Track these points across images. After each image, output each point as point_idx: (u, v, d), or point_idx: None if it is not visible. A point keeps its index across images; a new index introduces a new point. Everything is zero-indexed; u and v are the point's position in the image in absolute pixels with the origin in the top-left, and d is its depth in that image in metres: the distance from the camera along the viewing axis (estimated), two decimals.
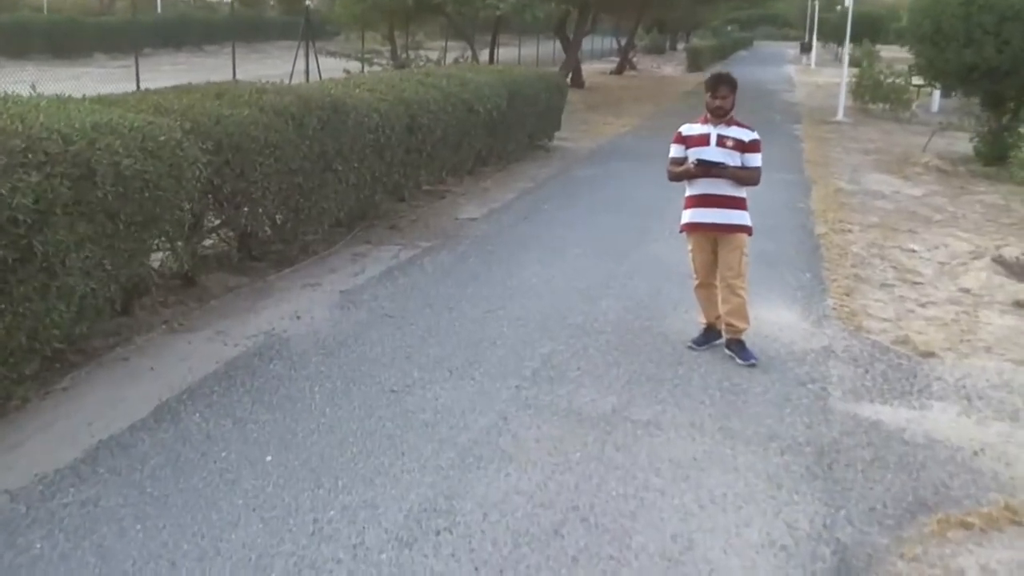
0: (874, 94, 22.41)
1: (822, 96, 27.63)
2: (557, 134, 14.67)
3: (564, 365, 5.16)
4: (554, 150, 14.09)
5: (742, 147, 5.33)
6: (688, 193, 5.51)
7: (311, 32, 18.57)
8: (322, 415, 4.40)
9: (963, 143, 14.88)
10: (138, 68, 13.83)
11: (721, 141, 5.32)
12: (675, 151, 5.50)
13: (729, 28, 78.93)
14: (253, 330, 5.60)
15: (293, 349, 5.30)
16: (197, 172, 5.45)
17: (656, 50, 48.14)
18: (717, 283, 5.46)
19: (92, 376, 4.83)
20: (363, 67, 20.78)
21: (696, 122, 5.47)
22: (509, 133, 11.68)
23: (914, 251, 8.35)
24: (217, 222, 6.59)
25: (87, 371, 4.88)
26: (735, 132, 5.34)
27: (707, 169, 5.30)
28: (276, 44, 39.51)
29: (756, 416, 4.56)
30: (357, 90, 8.12)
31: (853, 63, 46.42)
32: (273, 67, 26.58)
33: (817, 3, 45.37)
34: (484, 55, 23.10)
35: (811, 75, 38.81)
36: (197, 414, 4.38)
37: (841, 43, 52.88)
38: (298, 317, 5.87)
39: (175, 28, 37.00)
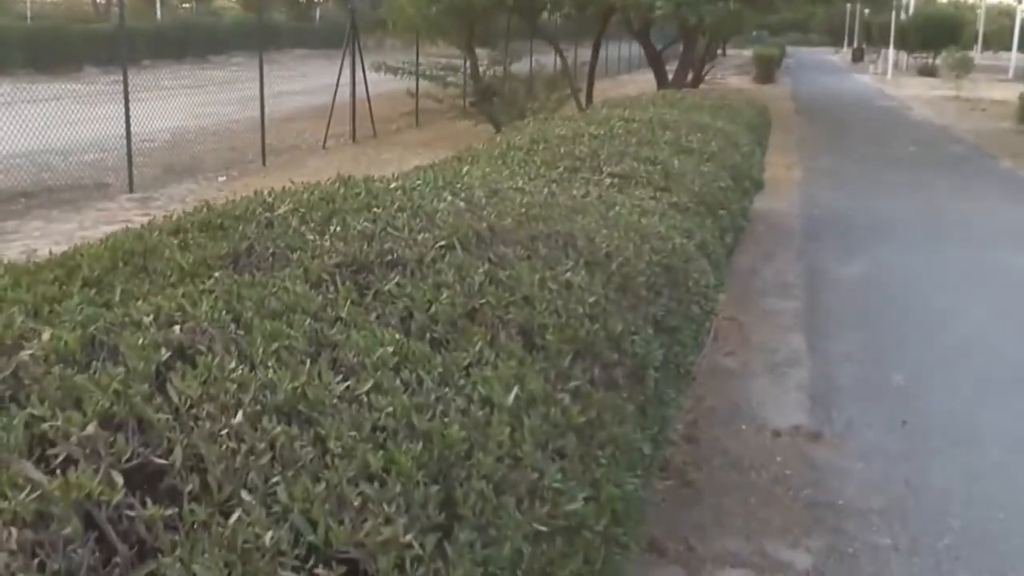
0: None
1: (957, 115, 22.88)
2: None
3: None
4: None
5: None
6: None
7: (357, 39, 14.08)
8: None
9: None
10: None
11: None
12: None
13: (755, 33, 73.74)
14: None
15: None
16: None
17: (709, 57, 43.49)
18: None
19: None
20: (417, 86, 16.17)
21: None
22: None
23: None
24: None
25: None
26: None
27: None
28: (289, 53, 35.04)
29: None
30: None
31: (927, 72, 42.03)
32: (290, 81, 21.53)
33: (895, 5, 41.00)
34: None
35: (897, 86, 34.14)
36: None
37: (908, 50, 48.28)
38: None
39: (177, 37, 32.19)
